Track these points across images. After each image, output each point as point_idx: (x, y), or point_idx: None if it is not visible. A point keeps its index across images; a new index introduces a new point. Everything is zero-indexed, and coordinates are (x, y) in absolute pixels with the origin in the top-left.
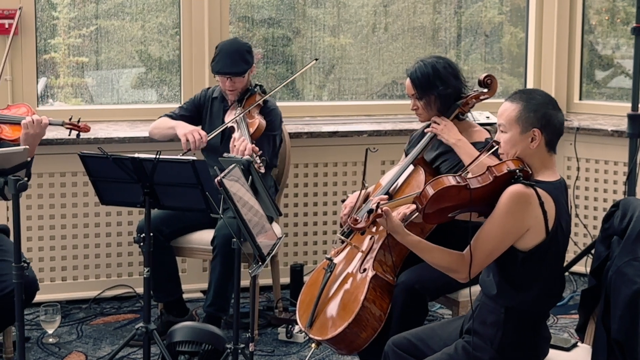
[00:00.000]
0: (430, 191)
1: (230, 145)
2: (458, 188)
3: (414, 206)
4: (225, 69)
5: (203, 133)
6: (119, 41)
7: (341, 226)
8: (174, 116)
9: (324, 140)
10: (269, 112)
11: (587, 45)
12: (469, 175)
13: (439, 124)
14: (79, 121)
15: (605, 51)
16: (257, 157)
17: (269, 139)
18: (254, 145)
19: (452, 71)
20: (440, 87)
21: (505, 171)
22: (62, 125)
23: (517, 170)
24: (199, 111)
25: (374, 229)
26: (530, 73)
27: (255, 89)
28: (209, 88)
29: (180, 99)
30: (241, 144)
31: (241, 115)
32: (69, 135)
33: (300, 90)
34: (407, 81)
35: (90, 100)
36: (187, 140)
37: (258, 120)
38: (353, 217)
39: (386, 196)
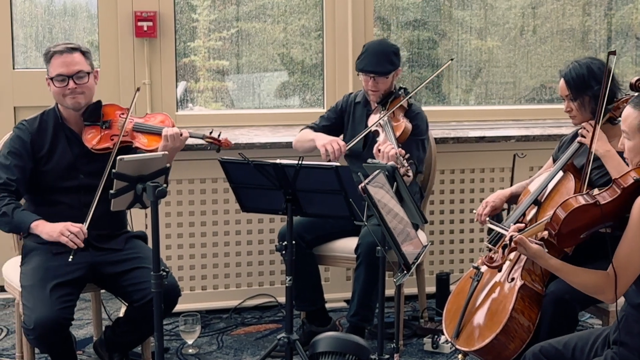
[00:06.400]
0: (562, 214)
1: (375, 151)
2: (588, 207)
3: (546, 232)
4: (368, 67)
5: (342, 143)
6: (260, 44)
7: (488, 234)
8: (315, 127)
9: (470, 145)
10: (415, 116)
11: None
12: (596, 192)
13: (588, 132)
14: (219, 135)
15: None
16: (405, 161)
17: (418, 143)
18: (400, 149)
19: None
20: (596, 88)
21: (632, 181)
22: (202, 139)
23: None
24: (341, 118)
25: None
26: None
27: (400, 92)
28: (351, 93)
29: (323, 103)
30: (387, 148)
31: (386, 117)
32: (209, 149)
33: (447, 95)
34: (561, 82)
35: (230, 105)
36: (327, 151)
37: (404, 123)
38: (489, 255)
39: (522, 225)
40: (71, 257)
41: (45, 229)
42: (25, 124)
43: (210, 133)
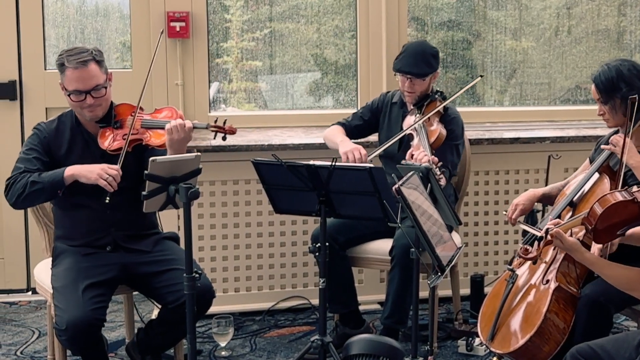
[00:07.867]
0: (599, 209)
1: (407, 156)
2: (626, 203)
3: (583, 231)
4: (405, 68)
5: (364, 152)
6: (294, 44)
7: (523, 235)
8: (347, 125)
9: (505, 146)
10: (450, 121)
11: None
12: (634, 189)
13: (617, 143)
14: (224, 123)
15: None
16: (437, 169)
17: (452, 148)
18: (433, 156)
19: (638, 73)
20: (625, 90)
21: None
22: (206, 128)
23: None
24: (375, 117)
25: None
26: None
27: (436, 96)
28: (387, 92)
29: (356, 104)
30: (420, 155)
31: (421, 122)
32: (214, 138)
33: (481, 96)
34: (593, 86)
35: (264, 106)
36: (347, 159)
37: (439, 130)
38: (524, 247)
39: (557, 220)
40: (107, 199)
41: (81, 171)
42: (42, 125)
43: (215, 121)
